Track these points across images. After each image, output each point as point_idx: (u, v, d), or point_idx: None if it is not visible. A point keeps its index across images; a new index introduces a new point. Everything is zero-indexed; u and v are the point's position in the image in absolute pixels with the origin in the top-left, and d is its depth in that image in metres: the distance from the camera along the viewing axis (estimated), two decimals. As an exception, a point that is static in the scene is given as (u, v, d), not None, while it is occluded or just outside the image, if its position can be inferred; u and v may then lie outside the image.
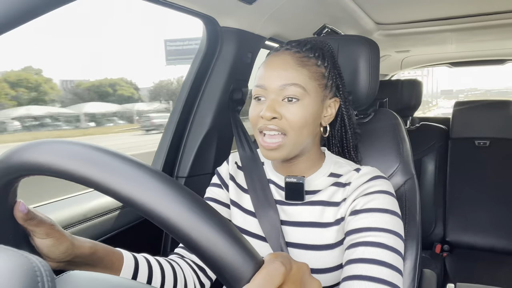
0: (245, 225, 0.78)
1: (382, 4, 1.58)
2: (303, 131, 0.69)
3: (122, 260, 0.62)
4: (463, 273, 1.73)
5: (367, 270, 0.59)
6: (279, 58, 0.70)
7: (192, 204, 0.33)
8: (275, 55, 0.72)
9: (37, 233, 0.50)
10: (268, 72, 0.69)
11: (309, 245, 0.71)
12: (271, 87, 0.68)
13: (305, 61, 0.69)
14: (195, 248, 0.32)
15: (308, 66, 0.69)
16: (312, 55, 0.71)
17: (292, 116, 0.67)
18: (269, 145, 0.68)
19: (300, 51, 0.70)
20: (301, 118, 0.67)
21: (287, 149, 0.69)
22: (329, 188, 0.73)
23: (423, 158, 2.12)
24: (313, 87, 0.69)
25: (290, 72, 0.68)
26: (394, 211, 0.66)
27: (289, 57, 0.69)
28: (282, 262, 0.35)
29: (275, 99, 0.68)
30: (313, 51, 0.71)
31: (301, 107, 0.67)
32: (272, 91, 0.68)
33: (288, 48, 0.72)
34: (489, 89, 60.90)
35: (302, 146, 0.71)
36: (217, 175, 0.86)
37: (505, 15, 1.72)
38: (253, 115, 0.71)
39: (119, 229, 1.01)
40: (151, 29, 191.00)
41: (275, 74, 0.68)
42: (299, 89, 0.67)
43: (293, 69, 0.68)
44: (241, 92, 1.27)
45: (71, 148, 0.35)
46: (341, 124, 0.79)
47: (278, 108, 0.67)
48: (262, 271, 0.33)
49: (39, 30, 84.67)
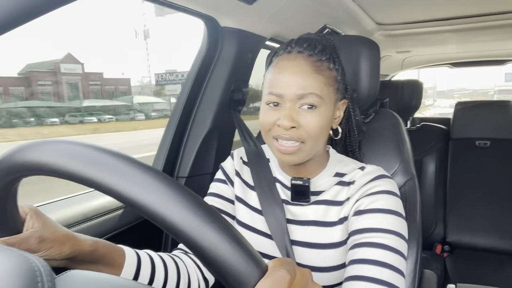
0: (251, 222, 0.78)
1: (383, 4, 1.58)
2: (319, 138, 0.68)
3: (124, 257, 0.62)
4: (464, 274, 1.73)
5: (370, 271, 0.59)
6: (294, 63, 0.67)
7: (196, 207, 0.32)
8: (288, 59, 0.68)
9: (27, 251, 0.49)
10: (284, 79, 0.66)
11: (313, 244, 0.71)
12: (288, 95, 0.66)
13: (319, 65, 0.67)
14: (199, 251, 0.32)
15: (323, 72, 0.67)
16: (324, 58, 0.68)
17: (310, 125, 0.66)
18: (287, 149, 0.67)
19: (313, 55, 0.68)
20: (318, 126, 0.66)
21: (304, 154, 0.68)
22: (334, 188, 0.73)
23: (424, 159, 2.12)
24: (328, 93, 0.68)
25: (307, 80, 0.65)
26: (398, 212, 0.66)
27: (304, 62, 0.67)
28: (288, 270, 0.35)
29: (292, 107, 0.66)
30: (325, 53, 0.69)
31: (318, 115, 0.66)
32: (289, 99, 0.66)
33: (300, 50, 0.68)
34: (476, 89, 63.62)
35: (316, 151, 0.71)
36: (222, 170, 0.85)
37: (505, 15, 1.72)
38: (268, 122, 0.68)
39: (120, 229, 1.01)
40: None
41: (292, 82, 0.66)
42: (316, 97, 0.65)
43: (310, 76, 0.66)
44: (241, 92, 1.27)
45: (74, 149, 0.35)
46: (347, 123, 0.79)
47: (295, 116, 0.65)
48: (268, 279, 0.33)
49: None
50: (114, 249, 0.61)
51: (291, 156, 0.68)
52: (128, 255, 0.63)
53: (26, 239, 0.49)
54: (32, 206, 0.53)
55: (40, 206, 0.90)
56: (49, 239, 0.51)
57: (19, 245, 0.48)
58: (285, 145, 0.67)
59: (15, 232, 0.49)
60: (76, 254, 0.54)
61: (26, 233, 0.50)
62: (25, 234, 0.50)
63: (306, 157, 0.69)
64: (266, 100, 0.69)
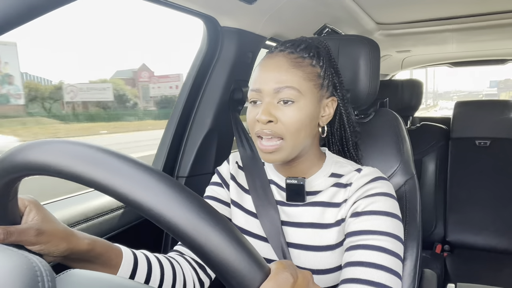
0: (247, 225, 0.78)
1: (383, 4, 1.58)
2: (300, 134, 0.68)
3: (121, 256, 0.62)
4: (464, 273, 1.73)
5: (366, 273, 0.59)
6: (273, 60, 0.69)
7: (201, 210, 0.32)
8: (269, 57, 0.71)
9: (23, 242, 0.49)
10: (262, 75, 0.69)
11: (309, 246, 0.71)
12: (265, 90, 0.68)
13: (299, 61, 0.68)
14: (202, 254, 0.32)
15: (302, 67, 0.68)
16: (306, 55, 0.70)
17: (288, 119, 0.66)
18: (267, 148, 0.68)
19: (294, 52, 0.69)
20: (297, 121, 0.67)
21: (285, 152, 0.68)
22: (330, 189, 0.73)
23: (424, 158, 2.12)
24: (308, 88, 0.68)
25: (284, 74, 0.67)
26: (395, 214, 0.66)
27: (283, 58, 0.69)
28: (291, 273, 0.36)
29: (270, 102, 0.67)
30: (307, 50, 0.70)
31: (297, 110, 0.67)
32: (267, 94, 0.68)
33: (282, 49, 0.71)
34: (471, 91, 64.84)
35: (300, 148, 0.70)
36: (218, 174, 0.86)
37: (505, 15, 1.72)
38: (250, 119, 0.70)
39: (120, 229, 1.01)
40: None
41: (269, 77, 0.67)
42: (293, 91, 0.66)
43: (286, 71, 0.67)
44: (241, 92, 1.27)
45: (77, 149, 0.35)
46: (340, 123, 0.78)
47: (273, 111, 0.67)
48: (271, 281, 0.33)
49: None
50: (111, 249, 0.61)
51: (272, 155, 0.69)
52: (125, 254, 0.63)
53: (25, 230, 0.49)
54: (33, 198, 0.53)
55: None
56: (47, 232, 0.51)
57: (18, 235, 0.47)
58: (265, 144, 0.68)
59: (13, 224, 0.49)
60: (72, 252, 0.54)
61: (25, 224, 0.50)
62: (24, 225, 0.50)
63: (290, 155, 0.70)
64: (249, 97, 0.71)
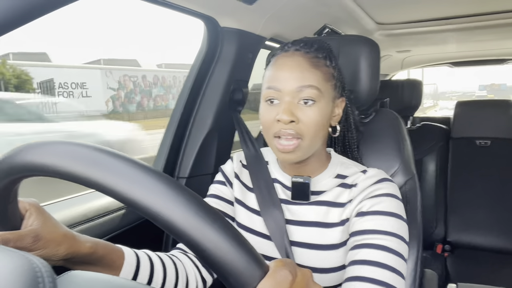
0: (250, 223, 0.78)
1: (383, 4, 1.58)
2: (318, 134, 0.68)
3: (123, 258, 0.61)
4: (465, 273, 1.73)
5: (370, 272, 0.59)
6: (292, 59, 0.69)
7: (198, 208, 0.32)
8: (285, 55, 0.70)
9: (20, 249, 0.49)
10: (282, 74, 0.68)
11: (313, 244, 0.71)
12: (286, 89, 0.67)
13: (317, 61, 0.69)
14: (200, 252, 0.32)
15: (320, 67, 0.68)
16: (321, 55, 0.70)
17: (308, 120, 0.66)
18: (285, 147, 0.67)
19: (309, 52, 0.69)
20: (317, 121, 0.67)
21: (303, 151, 0.68)
22: (335, 189, 0.73)
23: (424, 158, 2.12)
24: (326, 88, 0.68)
25: (305, 73, 0.66)
26: (399, 215, 0.66)
27: (302, 58, 0.68)
28: (290, 270, 0.36)
29: (291, 102, 0.66)
30: (321, 51, 0.71)
31: (317, 110, 0.67)
32: (287, 93, 0.67)
33: (297, 48, 0.70)
34: (465, 91, 65.91)
35: (316, 148, 0.71)
36: (221, 172, 0.86)
37: (505, 14, 1.72)
38: (268, 119, 0.69)
39: (120, 230, 1.01)
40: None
41: (290, 76, 0.67)
42: (315, 91, 0.66)
43: (308, 70, 0.67)
44: (241, 93, 1.27)
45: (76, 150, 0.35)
46: (345, 123, 0.80)
47: (294, 111, 0.66)
48: (270, 279, 0.33)
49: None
50: (113, 251, 0.60)
51: (290, 155, 0.68)
52: (127, 256, 0.62)
53: (22, 236, 0.48)
54: (34, 201, 0.52)
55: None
56: (45, 239, 0.50)
57: (15, 242, 0.47)
58: (284, 143, 0.67)
59: (13, 228, 0.48)
60: (73, 255, 0.53)
61: (23, 230, 0.49)
62: (22, 231, 0.49)
63: (306, 154, 0.70)
64: (265, 96, 0.69)
